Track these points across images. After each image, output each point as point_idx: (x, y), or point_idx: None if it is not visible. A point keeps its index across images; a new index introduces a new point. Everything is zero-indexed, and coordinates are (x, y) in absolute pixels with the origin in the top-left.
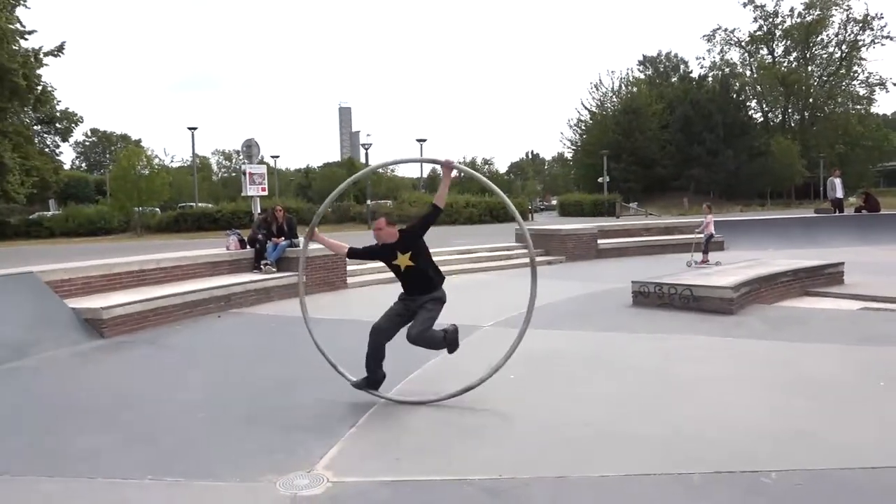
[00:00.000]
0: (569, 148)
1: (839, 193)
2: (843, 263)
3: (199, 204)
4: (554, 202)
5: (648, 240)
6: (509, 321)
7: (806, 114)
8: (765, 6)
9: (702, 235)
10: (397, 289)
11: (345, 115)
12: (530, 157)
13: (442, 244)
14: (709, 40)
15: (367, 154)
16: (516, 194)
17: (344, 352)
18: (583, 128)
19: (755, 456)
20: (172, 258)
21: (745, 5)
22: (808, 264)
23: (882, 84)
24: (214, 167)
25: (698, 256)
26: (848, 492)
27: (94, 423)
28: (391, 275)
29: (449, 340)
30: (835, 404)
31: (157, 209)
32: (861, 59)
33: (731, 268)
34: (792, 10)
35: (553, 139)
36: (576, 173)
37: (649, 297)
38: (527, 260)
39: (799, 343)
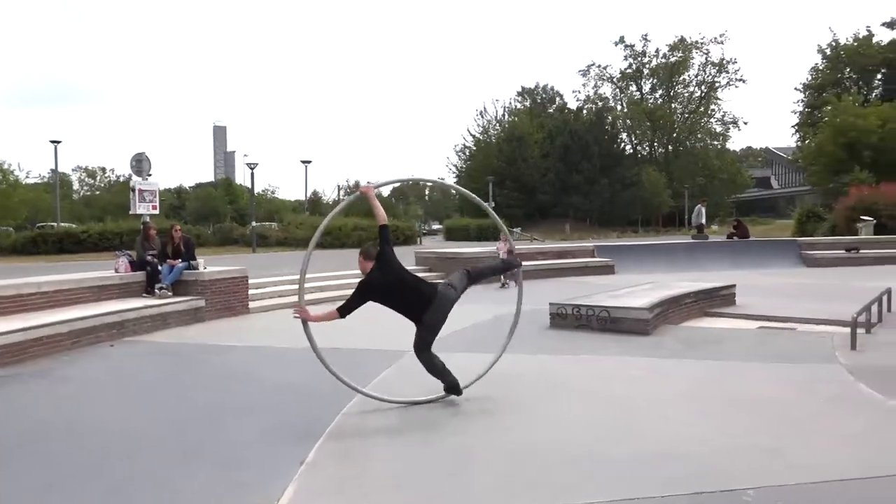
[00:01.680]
0: (454, 173)
1: (703, 220)
2: (734, 286)
3: (62, 224)
4: (435, 227)
5: (544, 263)
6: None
7: (670, 147)
8: (634, 46)
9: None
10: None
11: (219, 134)
12: (410, 182)
13: (343, 267)
14: (584, 75)
15: (252, 174)
16: (400, 218)
17: (263, 381)
18: (468, 154)
19: (729, 474)
20: (55, 281)
21: (616, 44)
22: (705, 286)
23: (735, 122)
24: (76, 184)
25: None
26: None
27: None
28: (294, 300)
29: (448, 386)
30: (783, 420)
31: (11, 229)
32: (717, 98)
33: (637, 290)
34: (657, 50)
35: (432, 165)
36: (460, 199)
37: (567, 318)
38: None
39: (719, 361)
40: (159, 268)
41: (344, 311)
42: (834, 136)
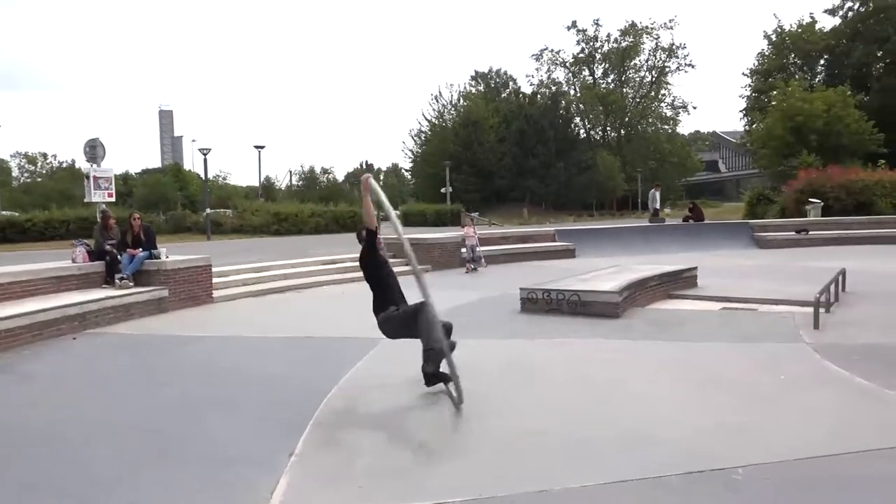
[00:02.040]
0: (409, 158)
1: (657, 204)
2: (696, 268)
3: (3, 212)
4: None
5: (507, 248)
6: None
7: (622, 131)
8: (586, 31)
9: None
10: (266, 303)
11: (166, 118)
12: (364, 167)
13: (300, 254)
14: (537, 59)
15: (205, 160)
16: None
17: (239, 372)
18: (423, 138)
19: (715, 453)
20: (11, 273)
21: (568, 29)
22: (669, 269)
23: (684, 107)
24: (15, 171)
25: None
26: (816, 480)
27: None
28: (258, 288)
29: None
30: (756, 399)
31: None
32: (667, 83)
33: (603, 273)
34: (608, 35)
35: (385, 150)
36: (416, 184)
37: (537, 303)
38: (396, 270)
39: (689, 343)
40: (119, 257)
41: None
42: (782, 120)
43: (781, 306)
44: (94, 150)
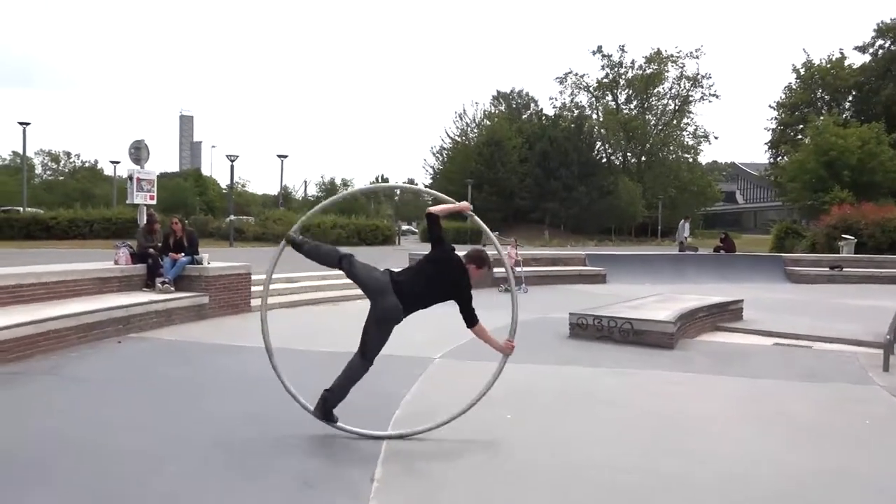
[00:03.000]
0: (429, 174)
1: (686, 235)
2: (742, 300)
3: (28, 209)
4: (404, 227)
5: (539, 270)
6: (454, 352)
7: (643, 158)
8: (611, 56)
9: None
10: (303, 315)
11: (186, 123)
12: (380, 181)
13: (319, 268)
14: (561, 82)
15: (231, 166)
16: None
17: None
18: (445, 156)
19: (830, 499)
20: (56, 272)
21: (594, 53)
22: (716, 300)
23: (706, 137)
24: (39, 168)
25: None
26: None
27: (32, 476)
28: (292, 299)
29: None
30: (845, 442)
31: None
32: (690, 112)
33: (649, 302)
34: (633, 62)
35: (408, 165)
36: (434, 201)
37: (587, 329)
38: None
39: (755, 379)
40: (161, 261)
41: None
42: (815, 154)
43: (836, 345)
44: (138, 152)
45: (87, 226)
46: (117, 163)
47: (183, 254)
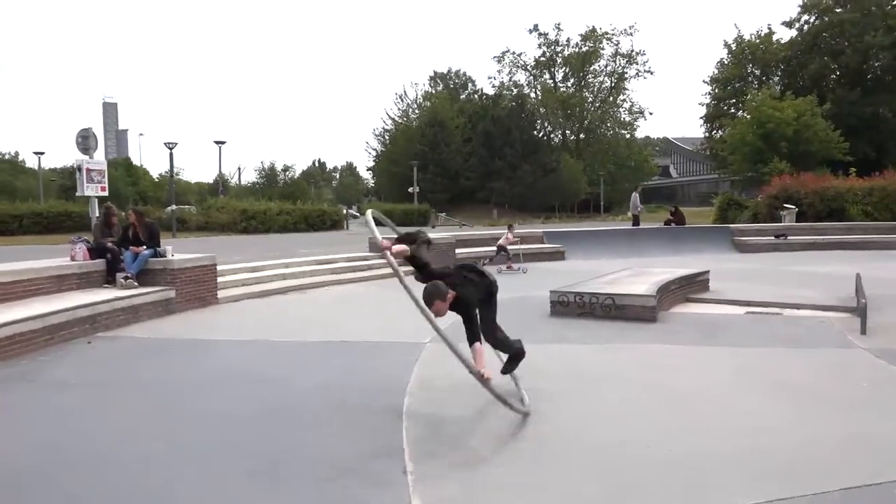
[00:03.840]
0: (371, 157)
1: (639, 206)
2: (708, 272)
3: None
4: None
5: (477, 251)
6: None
7: (581, 135)
8: (548, 35)
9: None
10: (274, 304)
11: (110, 111)
12: (318, 164)
13: (287, 254)
14: (499, 61)
15: (171, 154)
16: (313, 202)
17: (288, 381)
18: (387, 138)
19: (853, 466)
20: (9, 271)
21: (530, 32)
22: (685, 273)
23: (641, 113)
24: None
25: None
26: None
27: (39, 495)
28: (259, 288)
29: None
30: (849, 407)
31: None
32: (626, 89)
33: (623, 276)
34: (569, 40)
35: (340, 148)
36: (377, 183)
37: (569, 306)
38: (388, 270)
39: (743, 348)
40: (121, 255)
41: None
42: (753, 127)
43: (804, 311)
44: (86, 141)
45: (16, 221)
46: (41, 154)
47: (144, 247)
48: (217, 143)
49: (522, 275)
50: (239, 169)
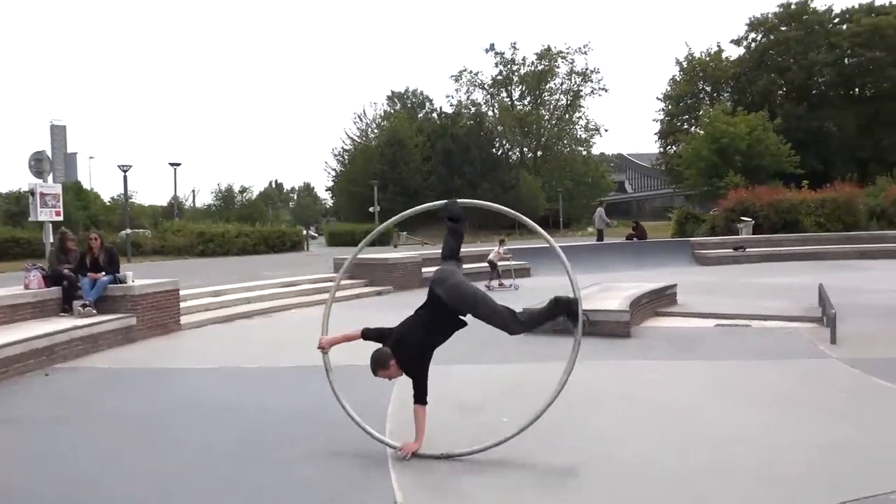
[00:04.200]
0: (330, 177)
1: (605, 221)
2: (676, 285)
3: None
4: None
5: (467, 267)
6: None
7: (539, 153)
8: (504, 54)
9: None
10: (239, 329)
11: (58, 133)
12: (275, 186)
13: (249, 277)
14: (456, 80)
15: (125, 177)
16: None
17: (264, 408)
18: (347, 158)
19: (847, 475)
20: None
21: (486, 51)
22: (654, 287)
23: (597, 130)
24: None
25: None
26: None
27: None
28: (223, 313)
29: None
30: (840, 417)
31: None
32: (581, 106)
33: (592, 292)
34: (524, 59)
35: (298, 169)
36: (337, 203)
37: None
38: (356, 291)
39: (720, 361)
40: (78, 282)
41: (365, 335)
42: (708, 142)
43: (772, 322)
44: (40, 164)
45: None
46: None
47: (103, 273)
48: (172, 164)
49: (514, 291)
50: (193, 191)
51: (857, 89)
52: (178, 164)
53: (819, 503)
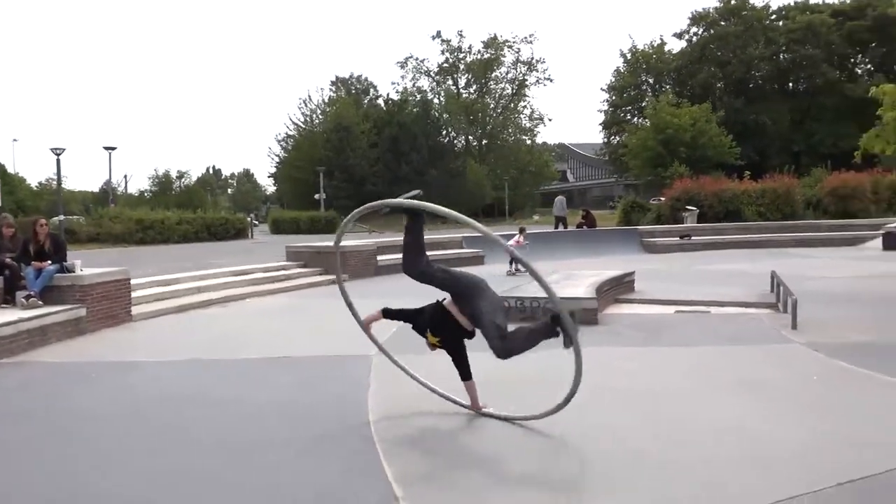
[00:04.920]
0: (275, 163)
1: (564, 210)
2: (634, 273)
3: None
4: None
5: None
6: (388, 346)
7: (484, 141)
8: (450, 41)
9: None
10: (195, 319)
11: None
12: (212, 171)
13: (198, 265)
14: (402, 66)
15: (58, 161)
16: (211, 210)
17: (240, 403)
18: (291, 143)
19: (826, 461)
20: None
21: (433, 38)
22: (614, 274)
23: (541, 119)
24: None
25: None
26: None
27: None
28: (176, 303)
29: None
30: (817, 402)
31: None
32: (526, 96)
33: (555, 280)
34: (470, 47)
35: (237, 155)
36: (280, 189)
37: (509, 311)
38: (310, 280)
39: (691, 347)
40: (21, 272)
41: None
42: (653, 132)
43: (729, 308)
44: None
45: None
46: None
47: (49, 262)
48: (107, 148)
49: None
50: (125, 177)
51: (791, 84)
52: (113, 149)
53: (818, 486)
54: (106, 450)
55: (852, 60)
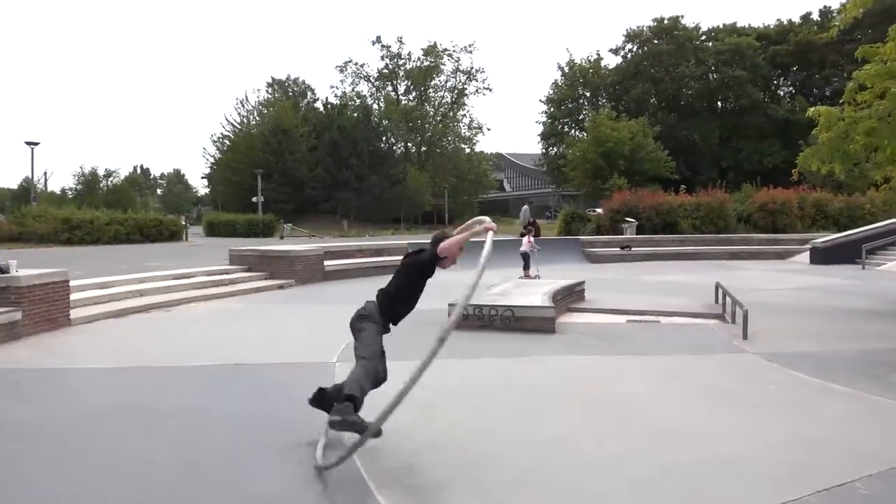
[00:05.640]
0: (209, 164)
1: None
2: (584, 282)
3: None
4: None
5: (364, 261)
6: (349, 354)
7: (423, 148)
8: (390, 47)
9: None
10: (138, 324)
11: None
12: (140, 171)
13: (134, 268)
14: (341, 71)
15: None
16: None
17: (186, 412)
18: (227, 144)
19: (805, 468)
20: None
21: (373, 43)
22: (566, 283)
23: (480, 128)
24: None
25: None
26: None
27: None
28: (116, 307)
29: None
30: (784, 409)
31: None
32: (466, 104)
33: (510, 288)
34: (410, 53)
35: (166, 155)
36: (215, 191)
37: (468, 318)
38: (256, 284)
39: (648, 356)
40: None
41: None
42: (593, 145)
43: (678, 318)
44: None
45: None
46: None
47: None
48: (29, 144)
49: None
50: (45, 174)
51: (720, 103)
52: (36, 144)
53: (796, 496)
54: (36, 469)
55: (775, 83)
